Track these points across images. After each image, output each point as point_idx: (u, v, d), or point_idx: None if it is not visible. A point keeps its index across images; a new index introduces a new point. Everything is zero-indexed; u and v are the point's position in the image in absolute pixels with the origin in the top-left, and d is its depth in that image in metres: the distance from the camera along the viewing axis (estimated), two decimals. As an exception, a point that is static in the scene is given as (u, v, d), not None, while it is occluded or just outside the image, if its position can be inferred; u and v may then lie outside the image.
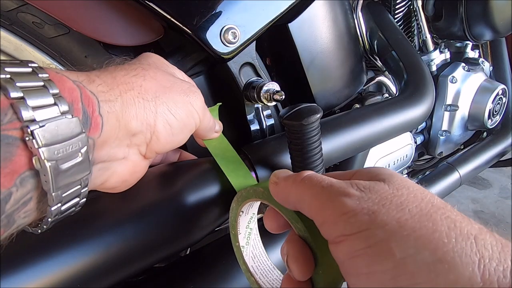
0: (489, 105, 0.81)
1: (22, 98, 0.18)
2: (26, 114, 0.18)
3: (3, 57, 0.38)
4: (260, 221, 0.45)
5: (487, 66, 0.90)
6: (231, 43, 0.37)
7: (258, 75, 0.44)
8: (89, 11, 0.35)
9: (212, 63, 0.45)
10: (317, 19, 0.51)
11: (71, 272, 0.25)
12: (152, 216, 0.29)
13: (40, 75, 0.19)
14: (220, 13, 0.36)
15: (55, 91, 0.19)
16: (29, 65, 0.20)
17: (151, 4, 0.33)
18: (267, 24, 0.40)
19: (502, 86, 0.83)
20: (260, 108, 0.44)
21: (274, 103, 0.40)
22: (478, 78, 0.82)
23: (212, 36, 0.36)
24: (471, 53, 0.88)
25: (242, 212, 0.29)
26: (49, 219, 0.21)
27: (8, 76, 0.18)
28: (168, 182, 0.31)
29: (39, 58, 0.39)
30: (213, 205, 0.33)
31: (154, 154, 0.28)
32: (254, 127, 0.44)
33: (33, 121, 0.18)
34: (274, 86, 0.40)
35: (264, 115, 0.45)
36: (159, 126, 0.26)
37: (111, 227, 0.28)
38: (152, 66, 0.28)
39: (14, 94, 0.18)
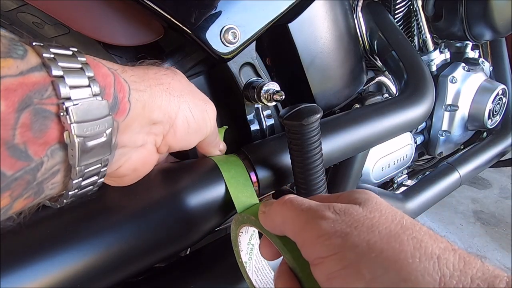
0: (489, 105, 0.81)
1: (62, 77, 0.19)
2: (64, 92, 0.19)
3: (3, 57, 0.38)
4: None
5: (487, 66, 0.90)
6: (231, 43, 0.37)
7: (258, 75, 0.44)
8: (89, 11, 0.35)
9: (212, 63, 0.45)
10: (317, 19, 0.51)
11: (71, 272, 0.25)
12: (152, 215, 0.29)
13: (79, 58, 0.21)
14: (220, 13, 0.36)
15: (90, 74, 0.21)
16: (70, 48, 0.21)
17: (151, 4, 0.33)
18: (267, 24, 0.39)
19: (502, 86, 0.83)
20: (260, 108, 0.44)
21: (274, 103, 0.40)
22: (478, 78, 0.82)
23: (212, 36, 0.36)
24: (471, 53, 0.88)
25: (242, 232, 0.31)
26: (70, 193, 0.23)
27: (52, 55, 0.20)
28: (169, 182, 0.31)
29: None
30: (214, 205, 0.33)
31: (166, 149, 0.30)
32: (254, 127, 0.44)
33: (68, 99, 0.20)
34: (274, 86, 0.40)
35: (264, 115, 0.45)
36: (178, 121, 0.28)
37: (111, 226, 0.28)
38: (178, 73, 0.31)
39: (55, 72, 0.19)
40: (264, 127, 0.45)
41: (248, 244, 0.32)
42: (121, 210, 0.29)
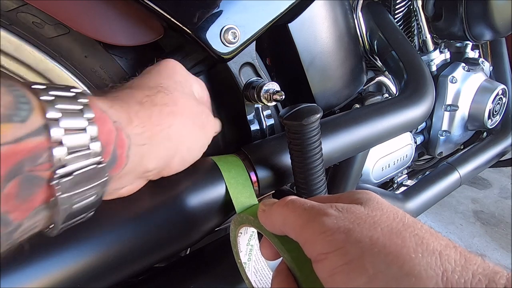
0: (489, 105, 0.81)
1: (61, 142, 0.18)
2: (59, 158, 0.18)
3: (3, 57, 0.38)
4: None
5: (487, 66, 0.90)
6: (231, 43, 0.37)
7: (258, 75, 0.44)
8: (89, 11, 0.35)
9: (212, 63, 0.45)
10: (317, 19, 0.51)
11: (71, 272, 0.25)
12: (152, 215, 0.29)
13: (85, 115, 0.20)
14: (220, 13, 0.36)
15: (94, 133, 0.20)
16: (79, 100, 0.20)
17: (151, 4, 0.33)
18: (267, 24, 0.39)
19: (502, 86, 0.83)
20: (260, 108, 0.44)
21: (274, 103, 0.40)
22: (478, 78, 0.82)
23: (212, 36, 0.36)
24: (471, 53, 0.88)
25: (241, 233, 0.31)
26: (51, 235, 0.22)
27: (57, 116, 0.18)
28: (168, 182, 0.31)
29: (39, 58, 0.39)
30: (213, 205, 0.33)
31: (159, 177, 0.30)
32: (254, 127, 0.44)
33: (64, 166, 0.19)
34: (274, 86, 0.40)
35: (264, 115, 0.45)
36: (174, 163, 0.29)
37: (111, 227, 0.28)
38: (177, 91, 0.29)
39: (55, 136, 0.18)
40: (264, 127, 0.45)
41: (247, 245, 0.32)
42: (121, 210, 0.29)
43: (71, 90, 0.20)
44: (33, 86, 0.19)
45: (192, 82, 0.33)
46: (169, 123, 0.27)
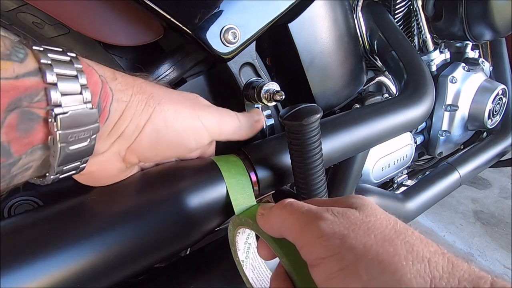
0: (489, 105, 0.81)
1: (55, 84, 0.20)
2: (55, 98, 0.20)
3: (3, 57, 0.38)
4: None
5: (487, 66, 0.90)
6: (231, 43, 0.37)
7: (258, 75, 0.44)
8: (89, 11, 0.35)
9: (212, 63, 0.45)
10: (317, 19, 0.51)
11: (71, 272, 0.25)
12: (152, 215, 0.29)
13: (75, 65, 0.22)
14: (220, 13, 0.36)
15: (84, 81, 0.22)
16: (68, 54, 0.22)
17: (151, 4, 0.33)
18: (267, 24, 0.39)
19: (502, 86, 0.83)
20: (260, 108, 0.44)
21: (274, 103, 0.40)
22: (478, 78, 0.82)
23: (212, 36, 0.36)
24: (471, 53, 0.88)
25: (239, 232, 0.31)
26: (47, 182, 0.24)
27: (49, 62, 0.20)
28: (168, 182, 0.31)
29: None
30: (214, 205, 0.33)
31: (134, 159, 0.29)
32: (254, 127, 0.44)
33: (59, 105, 0.20)
34: (274, 86, 0.40)
35: (264, 115, 0.45)
36: (144, 132, 0.27)
37: (111, 226, 0.28)
38: (172, 92, 0.30)
39: (49, 79, 0.20)
40: (264, 127, 0.45)
41: (245, 243, 0.32)
42: (121, 209, 0.29)
43: (59, 47, 0.22)
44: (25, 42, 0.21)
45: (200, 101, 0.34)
46: (151, 90, 0.28)
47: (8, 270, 0.23)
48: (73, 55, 0.22)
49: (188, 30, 0.35)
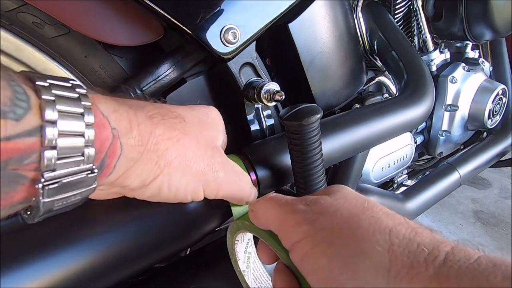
0: (489, 105, 0.81)
1: (54, 147, 0.17)
2: (49, 161, 0.17)
3: (3, 57, 0.38)
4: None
5: (487, 66, 0.90)
6: (231, 43, 0.37)
7: (258, 75, 0.44)
8: (89, 11, 0.35)
9: (212, 63, 0.45)
10: (317, 19, 0.51)
11: (72, 272, 0.25)
12: (152, 216, 0.29)
13: (85, 119, 0.19)
14: (220, 13, 0.36)
15: (91, 136, 0.19)
16: (82, 103, 0.19)
17: (151, 4, 0.33)
18: (267, 24, 0.39)
19: (502, 86, 0.83)
20: (260, 108, 0.44)
21: (274, 103, 0.40)
22: (478, 78, 0.82)
23: (212, 36, 0.36)
24: (471, 53, 0.88)
25: (238, 240, 0.31)
26: (31, 222, 0.21)
27: (56, 115, 0.17)
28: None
29: (39, 58, 0.39)
30: (214, 205, 0.33)
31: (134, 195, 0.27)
32: (254, 127, 0.44)
33: (52, 170, 0.18)
34: (274, 86, 0.40)
35: (264, 115, 0.45)
36: (148, 188, 0.25)
37: (111, 227, 0.28)
38: (193, 125, 0.27)
39: (49, 140, 0.17)
40: (264, 127, 0.45)
41: (244, 253, 0.32)
42: (122, 210, 0.29)
43: (76, 90, 0.19)
44: (37, 82, 0.18)
45: (220, 133, 0.30)
46: (167, 146, 0.25)
47: (8, 270, 0.23)
48: (88, 104, 0.19)
49: (188, 30, 0.35)
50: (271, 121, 0.45)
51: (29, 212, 0.20)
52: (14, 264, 0.23)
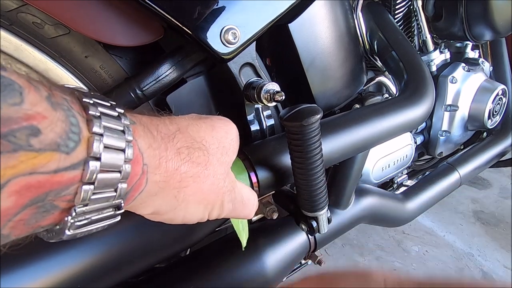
0: (489, 105, 0.81)
1: (93, 182, 0.17)
2: (84, 196, 0.17)
3: (3, 57, 0.38)
4: (260, 220, 0.46)
5: (487, 66, 0.90)
6: (231, 43, 0.37)
7: (258, 75, 0.44)
8: (89, 11, 0.35)
9: (212, 63, 0.45)
10: (317, 19, 0.51)
11: (72, 272, 0.25)
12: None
13: (126, 156, 0.19)
14: (220, 13, 0.36)
15: (126, 175, 0.19)
16: (126, 137, 0.19)
17: (151, 4, 0.33)
18: (267, 24, 0.39)
19: (502, 86, 0.83)
20: (260, 109, 0.44)
21: (274, 103, 0.40)
22: (478, 78, 0.82)
23: (212, 36, 0.36)
24: (471, 53, 0.88)
25: None
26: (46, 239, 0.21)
27: (101, 150, 0.17)
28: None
29: (39, 58, 0.39)
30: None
31: None
32: (254, 127, 0.44)
33: (85, 205, 0.18)
34: (274, 86, 0.40)
35: (264, 116, 0.45)
36: (159, 215, 0.26)
37: (112, 228, 0.28)
38: (215, 156, 0.27)
39: (89, 174, 0.17)
40: (264, 127, 0.45)
41: None
42: (121, 210, 0.29)
43: (122, 120, 0.19)
44: (90, 112, 0.18)
45: (236, 154, 0.31)
46: (188, 184, 0.25)
47: (8, 270, 0.23)
48: (130, 138, 0.19)
49: (188, 30, 0.35)
50: (271, 121, 0.45)
51: (49, 234, 0.20)
52: (14, 264, 0.23)
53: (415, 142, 0.81)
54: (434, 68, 0.81)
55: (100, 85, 0.42)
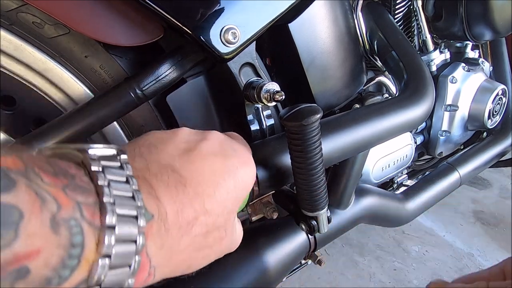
0: (489, 105, 0.81)
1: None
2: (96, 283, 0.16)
3: (3, 57, 0.38)
4: (260, 220, 0.45)
5: (487, 66, 0.90)
6: (231, 43, 0.37)
7: (258, 75, 0.44)
8: (89, 11, 0.35)
9: (212, 63, 0.45)
10: (317, 19, 0.51)
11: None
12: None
13: (131, 269, 0.17)
14: (220, 13, 0.36)
15: (131, 284, 0.18)
16: (138, 247, 0.17)
17: (151, 4, 0.33)
18: (267, 24, 0.39)
19: (502, 86, 0.83)
20: (260, 108, 0.44)
21: (274, 103, 0.40)
22: (478, 78, 0.82)
23: (212, 36, 0.36)
24: (471, 53, 0.88)
25: None
26: None
27: (108, 260, 0.16)
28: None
29: (39, 58, 0.39)
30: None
31: None
32: (254, 127, 0.44)
33: None
34: (274, 86, 0.40)
35: (264, 115, 0.45)
36: (167, 272, 0.25)
37: None
38: (218, 228, 0.26)
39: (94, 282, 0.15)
40: (264, 127, 0.45)
41: None
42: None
43: (138, 220, 0.18)
44: (107, 222, 0.16)
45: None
46: (189, 256, 0.24)
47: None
48: (142, 242, 0.18)
49: (188, 30, 0.35)
50: (271, 121, 0.45)
51: None
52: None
53: (415, 142, 0.81)
54: (434, 68, 0.81)
55: (100, 85, 0.42)
